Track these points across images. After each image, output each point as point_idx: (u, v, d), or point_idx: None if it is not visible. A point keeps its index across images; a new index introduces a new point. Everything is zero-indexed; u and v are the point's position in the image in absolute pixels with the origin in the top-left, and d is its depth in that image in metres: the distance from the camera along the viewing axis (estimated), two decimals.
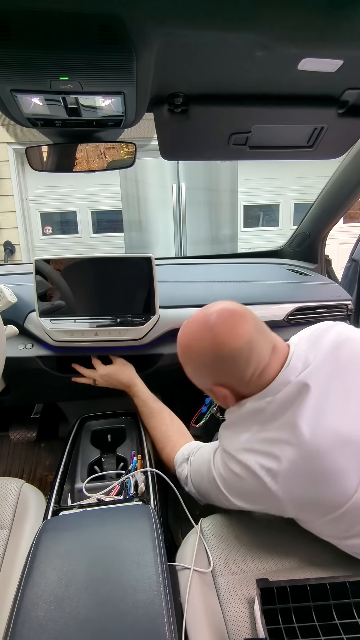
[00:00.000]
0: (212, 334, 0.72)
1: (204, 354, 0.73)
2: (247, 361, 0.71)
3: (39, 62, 0.58)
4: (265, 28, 0.56)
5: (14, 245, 4.43)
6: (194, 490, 0.85)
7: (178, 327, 1.13)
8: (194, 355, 0.75)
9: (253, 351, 0.71)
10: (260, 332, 0.74)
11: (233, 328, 0.71)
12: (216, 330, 0.71)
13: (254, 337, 0.72)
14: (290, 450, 0.66)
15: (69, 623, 0.52)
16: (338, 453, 0.64)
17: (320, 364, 0.71)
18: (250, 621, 0.63)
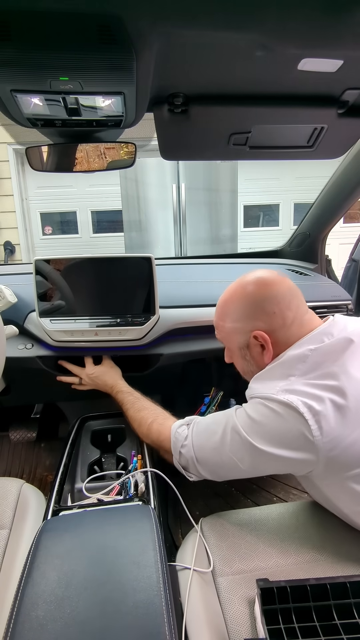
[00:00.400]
0: (255, 281, 0.80)
1: (247, 297, 0.79)
2: (289, 304, 0.77)
3: (39, 62, 0.58)
4: (265, 28, 0.56)
5: (14, 245, 4.43)
6: (192, 453, 0.78)
7: (178, 327, 1.14)
8: (236, 303, 0.80)
9: (294, 298, 0.78)
10: (297, 289, 0.80)
11: (275, 276, 0.80)
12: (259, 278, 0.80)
13: (293, 288, 0.79)
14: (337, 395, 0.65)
15: (69, 623, 0.52)
16: None
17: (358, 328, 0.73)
18: (251, 621, 0.63)
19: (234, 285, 0.83)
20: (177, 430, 0.83)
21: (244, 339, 0.80)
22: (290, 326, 0.76)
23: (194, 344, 1.14)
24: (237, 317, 0.80)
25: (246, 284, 0.80)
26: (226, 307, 0.82)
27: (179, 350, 1.13)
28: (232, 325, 0.81)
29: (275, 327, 0.76)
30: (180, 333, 1.13)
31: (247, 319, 0.78)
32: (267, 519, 0.81)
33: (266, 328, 0.76)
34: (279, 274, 0.81)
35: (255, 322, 0.77)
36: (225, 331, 0.83)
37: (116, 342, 1.09)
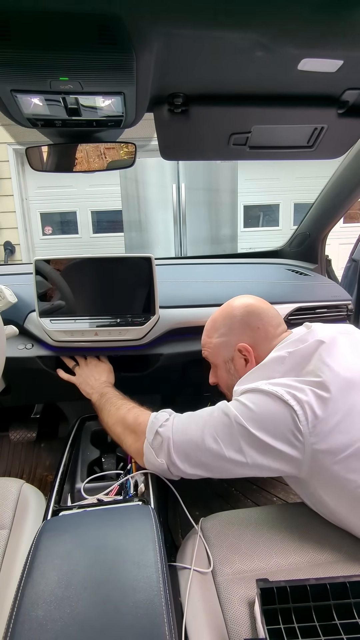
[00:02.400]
0: (241, 302, 0.90)
1: (235, 313, 0.88)
2: (271, 320, 0.86)
3: (39, 62, 0.58)
4: (265, 28, 0.56)
5: (14, 245, 4.43)
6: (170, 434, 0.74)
7: (178, 327, 1.14)
8: (223, 319, 0.90)
9: (275, 317, 0.87)
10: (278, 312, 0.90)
11: (258, 300, 0.91)
12: (245, 300, 0.91)
13: (275, 309, 0.90)
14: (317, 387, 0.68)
15: (69, 623, 0.52)
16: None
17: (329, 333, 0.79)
18: (250, 621, 0.63)
19: (222, 308, 0.93)
20: (157, 415, 0.80)
21: (229, 352, 0.87)
22: (272, 340, 0.84)
23: (194, 344, 1.14)
24: (224, 332, 0.89)
25: (233, 304, 0.91)
26: (214, 324, 0.91)
27: (179, 350, 1.13)
28: (219, 340, 0.89)
29: (258, 341, 0.84)
30: (180, 333, 1.13)
31: (233, 334, 0.87)
32: (267, 519, 0.81)
33: (250, 342, 0.85)
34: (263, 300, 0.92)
35: (241, 336, 0.86)
36: (212, 346, 0.91)
37: (116, 342, 1.08)
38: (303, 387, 0.69)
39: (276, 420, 0.67)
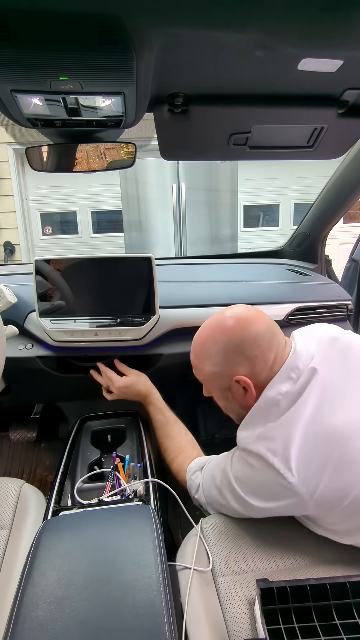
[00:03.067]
0: (235, 321, 0.77)
1: (229, 340, 0.75)
2: (269, 344, 0.75)
3: (39, 62, 0.58)
4: (265, 28, 0.56)
5: (14, 245, 4.43)
6: (204, 500, 0.83)
7: (178, 327, 1.14)
8: (216, 346, 0.76)
9: (274, 336, 0.76)
10: (274, 324, 0.79)
11: (254, 315, 0.78)
12: (238, 317, 0.77)
13: (271, 325, 0.78)
14: (300, 433, 0.66)
15: (69, 623, 0.52)
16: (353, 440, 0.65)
17: (322, 353, 0.75)
18: (251, 621, 0.63)
19: (211, 325, 0.79)
20: (191, 477, 0.87)
21: (225, 382, 0.77)
22: (272, 366, 0.74)
23: None
24: (217, 361, 0.77)
25: (225, 324, 0.77)
26: (205, 348, 0.78)
27: (179, 350, 1.13)
28: (212, 369, 0.78)
29: (257, 371, 0.74)
30: (180, 333, 1.13)
31: (228, 364, 0.75)
32: (267, 519, 0.80)
33: (248, 372, 0.74)
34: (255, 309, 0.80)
35: (237, 367, 0.75)
36: (205, 373, 0.80)
37: (116, 342, 1.08)
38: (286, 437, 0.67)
39: (268, 487, 0.69)
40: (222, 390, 0.80)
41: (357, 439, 0.65)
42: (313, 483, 0.65)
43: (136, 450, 1.00)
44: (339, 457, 0.65)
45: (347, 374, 0.73)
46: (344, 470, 0.64)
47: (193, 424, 1.47)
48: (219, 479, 0.79)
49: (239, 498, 0.73)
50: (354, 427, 0.66)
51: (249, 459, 0.72)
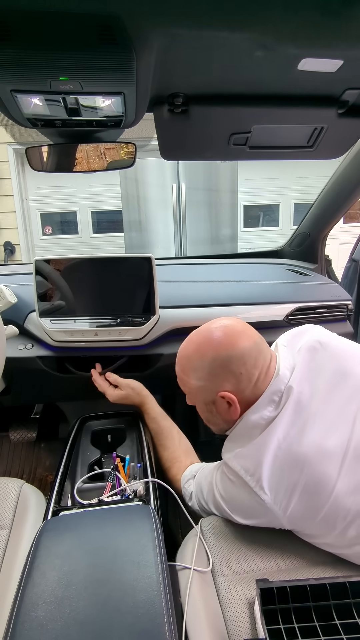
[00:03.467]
0: (222, 336, 0.75)
1: (216, 356, 0.74)
2: (255, 361, 0.74)
3: (38, 62, 0.58)
4: (266, 28, 0.56)
5: (14, 245, 4.43)
6: (197, 507, 0.86)
7: (178, 327, 1.14)
8: (202, 360, 0.75)
9: (260, 353, 0.75)
10: (261, 339, 0.78)
11: (241, 330, 0.77)
12: (226, 333, 0.75)
13: (258, 341, 0.77)
14: (270, 455, 0.68)
15: (69, 623, 0.52)
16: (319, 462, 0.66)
17: (300, 367, 0.75)
18: (250, 621, 0.63)
19: (197, 338, 0.78)
20: (185, 485, 0.90)
21: (210, 397, 0.77)
22: (257, 383, 0.74)
23: None
24: (202, 376, 0.76)
25: (211, 338, 0.76)
26: (191, 362, 0.77)
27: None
28: (197, 383, 0.77)
29: (242, 387, 0.74)
30: (180, 333, 1.13)
31: (213, 379, 0.75)
32: None
33: (233, 389, 0.74)
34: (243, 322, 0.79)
35: (222, 383, 0.74)
36: (189, 386, 0.80)
37: (116, 342, 1.08)
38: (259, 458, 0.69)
39: (247, 505, 0.72)
40: (207, 404, 0.80)
41: (323, 462, 0.66)
42: (284, 502, 0.68)
43: (136, 450, 1.00)
44: (307, 481, 0.66)
45: (322, 392, 0.73)
46: (312, 493, 0.66)
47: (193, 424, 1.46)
48: (205, 492, 0.82)
49: (223, 512, 0.77)
50: (320, 451, 0.67)
51: (229, 474, 0.75)
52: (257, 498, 0.69)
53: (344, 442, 0.68)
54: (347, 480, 0.65)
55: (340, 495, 0.65)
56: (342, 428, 0.69)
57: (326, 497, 0.65)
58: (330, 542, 0.70)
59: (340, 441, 0.68)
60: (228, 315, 1.16)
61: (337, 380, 0.74)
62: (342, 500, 0.65)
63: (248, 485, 0.69)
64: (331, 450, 0.67)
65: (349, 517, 0.65)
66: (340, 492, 0.65)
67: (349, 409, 0.71)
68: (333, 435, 0.68)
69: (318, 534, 0.70)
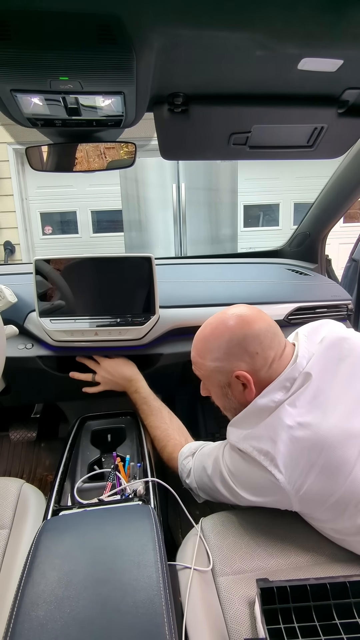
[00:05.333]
0: (237, 318, 0.78)
1: (232, 335, 0.76)
2: (271, 342, 0.76)
3: (38, 62, 0.58)
4: (265, 28, 0.56)
5: (14, 245, 4.43)
6: (195, 485, 0.85)
7: (178, 327, 1.14)
8: (218, 340, 0.77)
9: (275, 335, 0.77)
10: (276, 324, 0.80)
11: (256, 314, 0.79)
12: (241, 315, 0.78)
13: (273, 324, 0.79)
14: (286, 434, 0.68)
15: (69, 623, 0.52)
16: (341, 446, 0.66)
17: (320, 356, 0.76)
18: (251, 621, 0.63)
19: (214, 321, 0.80)
20: (183, 462, 0.90)
21: (225, 378, 0.78)
22: (272, 364, 0.75)
23: None
24: (219, 356, 0.77)
25: (227, 320, 0.78)
26: (207, 344, 0.79)
27: (179, 350, 1.13)
28: (213, 364, 0.78)
29: (258, 367, 0.75)
30: (180, 333, 1.13)
31: (229, 359, 0.76)
32: (267, 519, 0.81)
33: (248, 368, 0.75)
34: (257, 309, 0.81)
35: (238, 362, 0.75)
36: (205, 369, 0.81)
37: (116, 342, 1.08)
38: (273, 437, 0.69)
39: (258, 482, 0.71)
40: (222, 387, 0.80)
41: (344, 445, 0.66)
42: (299, 482, 0.67)
43: (136, 450, 1.00)
44: (325, 462, 0.66)
45: (343, 380, 0.73)
46: (329, 475, 0.66)
47: (193, 424, 1.47)
48: (210, 468, 0.81)
49: (229, 489, 0.76)
50: (343, 434, 0.67)
51: (236, 455, 0.75)
52: (270, 476, 0.68)
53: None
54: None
55: (357, 480, 0.65)
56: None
57: (343, 480, 0.65)
58: (337, 528, 0.70)
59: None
60: None
61: (357, 371, 0.75)
62: (357, 485, 0.65)
63: (261, 464, 0.69)
64: (353, 433, 0.67)
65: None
66: (357, 477, 0.65)
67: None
68: (355, 418, 0.68)
69: (326, 519, 0.70)
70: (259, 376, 0.75)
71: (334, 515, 0.68)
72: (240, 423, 0.77)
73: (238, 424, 0.77)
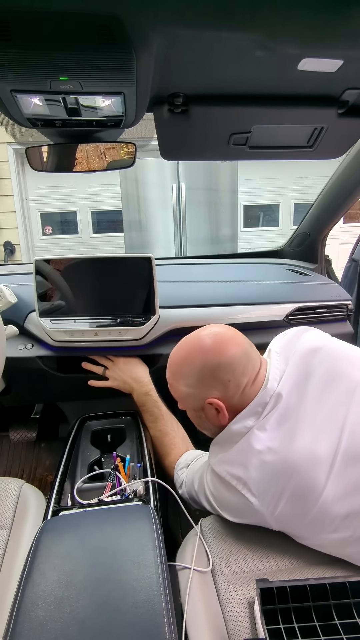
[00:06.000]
0: (212, 344, 0.76)
1: (203, 363, 0.74)
2: (244, 369, 0.74)
3: (39, 62, 0.58)
4: (265, 28, 0.56)
5: (14, 245, 4.43)
6: (187, 496, 0.87)
7: (178, 327, 1.14)
8: (191, 367, 0.76)
9: (249, 360, 0.76)
10: (251, 346, 0.78)
11: (231, 338, 0.77)
12: (215, 341, 0.76)
13: (248, 349, 0.77)
14: (256, 459, 0.68)
15: (69, 623, 0.52)
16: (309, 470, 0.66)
17: (290, 373, 0.75)
18: (250, 621, 0.63)
19: (187, 345, 0.79)
20: (178, 472, 0.93)
21: (198, 403, 0.78)
22: (244, 390, 0.74)
23: None
24: (191, 383, 0.77)
25: (200, 346, 0.76)
26: (180, 368, 0.78)
27: None
28: (186, 390, 0.78)
29: (230, 395, 0.74)
30: (180, 333, 1.13)
31: (201, 387, 0.76)
32: None
33: (220, 396, 0.74)
34: (233, 329, 0.79)
35: (210, 390, 0.75)
36: (179, 393, 0.80)
37: (116, 342, 1.08)
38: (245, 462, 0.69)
39: (233, 503, 0.73)
40: (195, 411, 0.80)
41: (313, 470, 0.66)
42: (272, 505, 0.68)
43: (136, 450, 1.00)
44: (296, 486, 0.66)
45: (313, 397, 0.73)
46: (299, 498, 0.66)
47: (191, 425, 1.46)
48: (197, 485, 0.83)
49: (213, 508, 0.79)
50: (311, 459, 0.67)
51: (215, 479, 0.77)
52: (244, 500, 0.69)
53: (333, 447, 0.67)
54: (334, 486, 0.65)
55: (328, 500, 0.65)
56: (331, 432, 0.69)
57: (314, 502, 0.65)
58: (320, 544, 0.70)
59: (329, 446, 0.67)
60: (228, 315, 1.17)
61: (328, 384, 0.74)
62: (329, 505, 0.65)
63: (235, 488, 0.70)
64: (321, 456, 0.67)
65: (336, 521, 0.65)
66: (328, 498, 0.65)
67: (338, 413, 0.70)
68: (323, 440, 0.68)
69: (307, 536, 0.71)
70: (232, 402, 0.75)
71: (313, 533, 0.69)
72: (220, 444, 0.77)
73: (218, 444, 0.78)
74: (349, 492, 0.65)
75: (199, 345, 0.77)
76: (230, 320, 1.17)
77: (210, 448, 0.81)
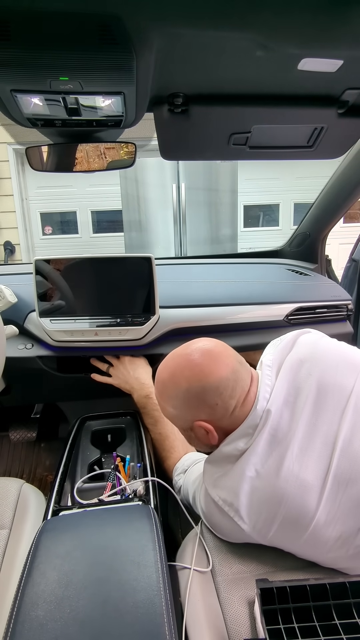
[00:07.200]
0: (198, 364, 0.71)
1: (189, 386, 0.70)
2: (232, 391, 0.70)
3: (39, 62, 0.58)
4: (265, 28, 0.56)
5: (14, 245, 4.43)
6: (185, 502, 0.88)
7: (178, 327, 1.14)
8: (176, 389, 0.72)
9: (237, 382, 0.71)
10: (241, 364, 0.74)
11: (218, 358, 0.72)
12: (202, 361, 0.71)
13: (237, 368, 0.72)
14: (247, 486, 0.68)
15: (69, 623, 0.52)
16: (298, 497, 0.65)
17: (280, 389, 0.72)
18: (250, 621, 0.63)
19: (172, 364, 0.74)
20: (175, 477, 0.93)
21: (187, 424, 0.75)
22: (234, 412, 0.71)
23: None
24: (177, 405, 0.73)
25: (185, 366, 0.71)
26: (165, 389, 0.74)
27: None
28: (173, 411, 0.75)
29: (219, 417, 0.71)
30: (180, 333, 1.13)
31: (188, 409, 0.72)
32: None
33: (208, 418, 0.71)
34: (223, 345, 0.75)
35: (197, 413, 0.72)
36: (166, 412, 0.77)
37: (116, 342, 1.08)
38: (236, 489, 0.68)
39: (224, 526, 0.73)
40: (185, 430, 0.78)
41: (302, 496, 0.65)
42: (264, 530, 0.68)
43: (136, 450, 1.00)
44: (286, 513, 0.66)
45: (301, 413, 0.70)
46: (290, 525, 0.66)
47: None
48: (191, 499, 0.84)
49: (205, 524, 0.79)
50: (298, 485, 0.65)
51: (206, 500, 0.76)
52: (236, 526, 0.69)
53: (323, 470, 0.65)
54: (326, 511, 0.64)
55: (320, 524, 0.64)
56: (321, 455, 0.66)
57: (305, 527, 0.65)
58: (316, 560, 0.70)
59: (319, 470, 0.66)
60: (228, 315, 1.17)
61: (318, 400, 0.70)
62: (321, 529, 0.64)
63: (227, 514, 0.70)
64: (310, 483, 0.65)
65: (330, 543, 0.65)
66: (320, 522, 0.64)
67: (329, 433, 0.68)
68: (312, 464, 0.66)
69: (302, 554, 0.70)
70: (221, 424, 0.72)
71: (307, 552, 0.69)
72: (213, 463, 0.76)
73: (211, 463, 0.77)
74: (340, 516, 0.64)
75: (184, 365, 0.72)
76: (230, 320, 1.17)
77: (204, 465, 0.79)
